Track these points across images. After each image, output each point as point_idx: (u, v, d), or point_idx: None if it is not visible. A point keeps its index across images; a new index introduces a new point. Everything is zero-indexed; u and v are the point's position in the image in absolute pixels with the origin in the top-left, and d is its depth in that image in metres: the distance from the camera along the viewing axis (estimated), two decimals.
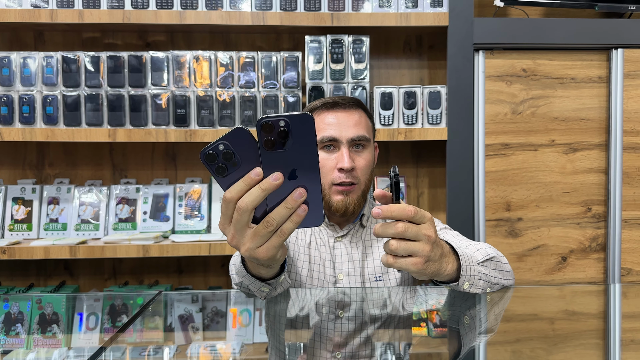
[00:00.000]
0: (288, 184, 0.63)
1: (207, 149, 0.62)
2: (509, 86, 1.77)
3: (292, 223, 0.65)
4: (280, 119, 0.60)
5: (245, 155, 0.63)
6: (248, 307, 1.02)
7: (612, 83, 1.78)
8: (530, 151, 1.79)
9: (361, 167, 1.22)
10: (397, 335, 0.89)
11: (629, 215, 1.79)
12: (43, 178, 1.96)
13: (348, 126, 1.21)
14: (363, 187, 1.24)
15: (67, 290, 1.91)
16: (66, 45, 1.92)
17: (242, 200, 0.63)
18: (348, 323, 0.88)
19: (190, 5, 1.72)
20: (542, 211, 1.79)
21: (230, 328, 1.00)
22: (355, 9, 1.75)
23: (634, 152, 1.78)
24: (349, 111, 1.24)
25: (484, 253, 1.00)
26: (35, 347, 1.57)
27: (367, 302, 1.04)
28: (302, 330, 0.90)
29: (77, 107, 1.72)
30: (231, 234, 0.68)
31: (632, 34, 1.76)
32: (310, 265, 1.26)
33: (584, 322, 0.95)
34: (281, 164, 0.62)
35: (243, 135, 0.62)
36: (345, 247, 1.27)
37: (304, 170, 0.63)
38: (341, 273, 1.24)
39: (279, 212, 0.64)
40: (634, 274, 1.79)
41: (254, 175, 0.62)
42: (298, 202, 0.64)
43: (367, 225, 1.31)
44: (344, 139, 1.20)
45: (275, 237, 0.66)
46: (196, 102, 1.74)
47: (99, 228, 1.83)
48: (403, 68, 2.00)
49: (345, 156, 1.18)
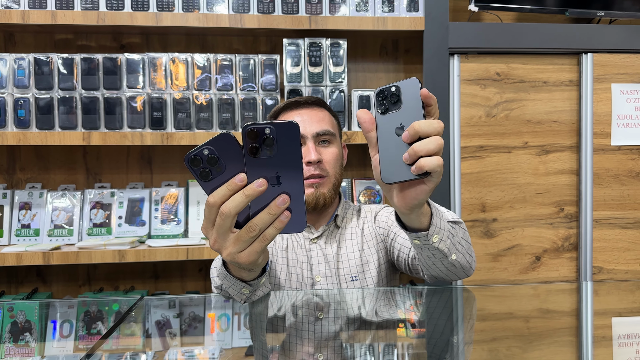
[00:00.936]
0: (271, 190, 0.64)
1: (192, 153, 0.62)
2: (484, 89, 1.81)
3: (275, 229, 0.66)
4: (266, 127, 0.61)
5: (229, 161, 0.63)
6: (226, 312, 1.01)
7: (583, 86, 1.83)
8: (504, 153, 1.82)
9: (329, 160, 1.26)
10: (376, 336, 0.89)
11: (600, 215, 1.84)
12: (14, 183, 1.91)
13: (312, 122, 1.25)
14: (333, 180, 1.27)
15: (40, 297, 1.87)
16: (38, 47, 1.88)
17: (225, 205, 0.64)
18: (328, 325, 0.88)
19: (166, 7, 1.70)
20: (516, 212, 1.83)
21: (209, 333, 0.99)
22: (333, 12, 1.76)
23: (604, 154, 1.83)
24: (312, 109, 1.28)
25: (452, 217, 1.01)
26: (7, 356, 1.52)
27: (345, 303, 1.04)
28: (283, 333, 0.90)
29: (50, 110, 1.68)
30: (213, 238, 0.68)
31: (601, 39, 1.81)
32: (288, 268, 1.27)
33: (558, 320, 0.97)
34: (265, 170, 0.63)
35: (228, 141, 0.62)
36: (321, 248, 1.29)
37: (287, 177, 0.63)
38: (318, 274, 1.26)
39: (262, 218, 0.65)
40: (605, 272, 1.84)
41: (237, 180, 0.63)
42: (281, 208, 0.64)
43: (341, 225, 1.33)
44: (309, 134, 1.24)
45: (258, 242, 0.67)
46: (173, 105, 1.72)
47: (73, 233, 1.80)
48: (380, 71, 2.02)
49: (311, 149, 1.23)
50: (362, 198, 1.92)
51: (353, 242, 1.30)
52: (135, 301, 1.06)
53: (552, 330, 0.89)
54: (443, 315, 0.98)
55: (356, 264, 1.27)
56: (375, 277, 1.26)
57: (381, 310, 1.02)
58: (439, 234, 0.86)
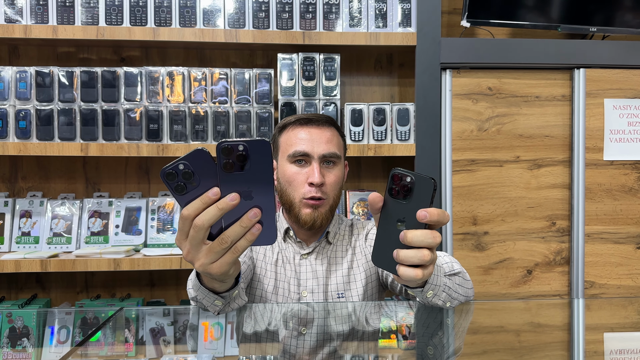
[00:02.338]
0: (244, 204, 0.67)
1: (168, 167, 0.65)
2: (475, 104, 1.83)
3: (246, 241, 0.68)
4: (239, 144, 0.64)
5: (203, 176, 0.66)
6: (220, 321, 1.04)
7: (575, 101, 1.84)
8: (495, 167, 1.84)
9: (331, 183, 1.26)
10: (362, 350, 0.91)
11: (592, 229, 1.84)
12: (16, 191, 1.96)
13: (320, 142, 1.24)
14: (331, 202, 1.27)
15: (39, 303, 1.91)
16: (41, 60, 1.94)
17: (199, 218, 0.66)
18: (310, 340, 0.90)
19: (164, 22, 1.75)
20: (507, 225, 1.84)
21: (202, 341, 1.01)
22: (327, 28, 1.80)
23: (596, 169, 1.84)
24: (321, 128, 1.27)
25: (450, 267, 1.04)
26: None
27: (331, 319, 1.06)
28: (267, 346, 0.92)
29: (50, 122, 1.73)
30: (187, 249, 0.70)
31: (593, 54, 1.83)
32: (276, 283, 1.28)
33: (549, 334, 0.98)
34: (238, 185, 0.66)
35: (202, 156, 0.65)
36: (311, 264, 1.29)
37: (259, 192, 0.67)
38: (305, 290, 1.27)
39: (234, 230, 0.67)
40: (597, 287, 1.84)
41: (211, 194, 0.66)
42: (253, 221, 0.67)
43: (333, 242, 1.33)
44: (315, 155, 1.24)
45: (229, 254, 0.69)
46: (169, 117, 1.77)
47: (71, 241, 1.84)
48: (374, 85, 2.04)
49: (315, 171, 1.22)
50: (356, 209, 1.94)
51: (343, 259, 1.31)
52: (115, 311, 1.09)
53: (543, 344, 0.90)
54: (432, 329, 0.99)
55: (344, 281, 1.28)
56: (361, 295, 1.27)
57: (367, 324, 1.04)
58: (434, 290, 0.91)
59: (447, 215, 0.71)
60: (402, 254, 0.70)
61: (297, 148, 1.24)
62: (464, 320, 1.03)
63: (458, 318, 1.02)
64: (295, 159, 1.25)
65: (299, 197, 1.24)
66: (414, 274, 0.70)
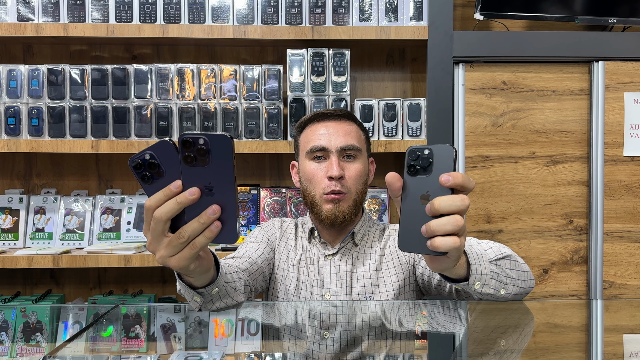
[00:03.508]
0: (205, 200, 0.65)
1: (135, 157, 0.65)
2: (489, 99, 1.78)
3: (205, 238, 0.67)
4: (200, 137, 0.63)
5: (169, 167, 0.65)
6: (230, 318, 1.03)
7: (594, 95, 1.78)
8: (510, 163, 1.79)
9: (351, 177, 1.21)
10: (380, 349, 0.89)
11: (611, 227, 1.78)
12: (30, 188, 1.99)
13: (337, 135, 1.21)
14: (354, 198, 1.22)
15: (53, 298, 1.94)
16: (54, 58, 1.96)
17: (158, 210, 0.66)
18: (333, 345, 0.87)
19: (173, 19, 1.75)
20: (523, 223, 1.79)
21: (212, 338, 1.01)
22: (337, 22, 1.77)
23: (616, 165, 1.78)
24: (339, 122, 1.24)
25: (497, 251, 0.98)
26: (19, 355, 1.59)
27: (352, 320, 1.03)
28: (276, 344, 0.91)
29: (61, 119, 1.75)
30: (149, 240, 0.70)
31: (613, 46, 1.77)
32: (299, 284, 1.24)
33: (566, 335, 0.95)
34: (199, 179, 0.65)
35: (167, 147, 0.65)
36: (335, 265, 1.24)
37: (220, 188, 0.65)
38: (328, 292, 1.22)
39: (192, 226, 0.66)
40: (616, 287, 1.78)
41: (173, 187, 0.65)
42: (211, 218, 0.65)
43: (360, 244, 1.27)
44: (333, 148, 1.20)
45: (187, 249, 0.68)
46: (179, 114, 1.77)
47: (84, 238, 1.86)
48: (386, 80, 2.01)
49: (334, 164, 1.18)
50: (368, 207, 1.91)
51: (371, 261, 1.25)
52: (112, 306, 1.09)
53: (560, 345, 0.87)
54: (445, 327, 0.97)
55: (371, 283, 1.22)
56: (390, 296, 1.22)
57: (388, 325, 1.01)
58: (480, 280, 0.86)
59: (472, 180, 0.67)
60: (433, 223, 0.65)
61: (314, 143, 1.21)
62: (479, 320, 1.00)
63: (473, 319, 0.99)
64: (314, 155, 1.22)
65: (319, 193, 1.21)
66: (452, 241, 0.65)
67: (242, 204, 1.87)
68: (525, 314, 1.02)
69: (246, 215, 1.87)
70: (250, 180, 2.01)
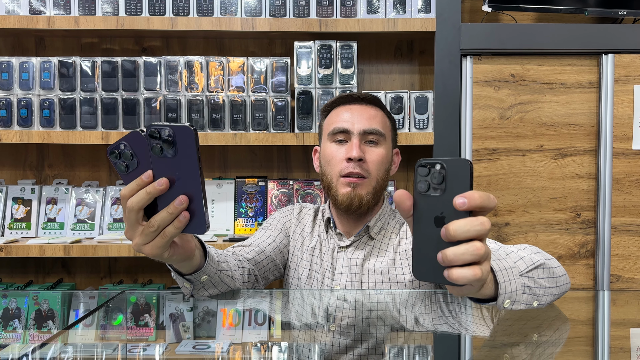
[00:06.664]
0: (175, 190, 0.67)
1: (112, 146, 0.67)
2: (497, 91, 1.78)
3: (174, 228, 0.68)
4: (165, 128, 0.64)
5: (142, 158, 0.67)
6: (238, 307, 1.05)
7: (603, 88, 1.77)
8: (518, 156, 1.78)
9: (373, 161, 1.17)
10: (389, 342, 0.89)
11: (619, 221, 1.77)
12: (42, 179, 2.02)
13: (361, 119, 1.18)
14: (374, 184, 1.18)
15: (64, 287, 1.97)
16: (66, 51, 1.98)
17: (130, 200, 0.67)
18: (340, 338, 0.87)
19: (182, 12, 1.77)
20: (530, 216, 1.79)
21: (220, 327, 1.03)
22: (344, 15, 1.78)
23: (624, 158, 1.77)
24: (364, 105, 1.21)
25: (528, 262, 0.88)
26: (31, 342, 1.62)
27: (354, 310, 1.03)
28: (286, 334, 0.92)
29: (72, 110, 1.78)
30: (126, 228, 0.72)
31: (622, 38, 1.75)
32: (311, 273, 1.24)
33: (572, 328, 0.95)
34: (167, 170, 0.66)
35: (139, 138, 0.66)
36: (347, 257, 1.22)
37: (187, 179, 0.66)
38: (338, 285, 1.20)
39: (161, 216, 0.68)
40: (624, 281, 1.78)
41: (144, 177, 0.66)
42: (178, 208, 0.67)
43: (376, 238, 1.23)
44: (355, 131, 1.17)
45: (159, 238, 0.70)
46: (187, 107, 1.78)
47: (95, 228, 1.89)
48: (394, 73, 2.01)
49: (354, 146, 1.15)
50: None
51: (384, 257, 1.21)
52: (117, 293, 1.11)
53: (566, 339, 0.88)
54: (453, 321, 0.96)
55: (382, 280, 1.19)
56: None
57: (391, 316, 1.00)
58: (510, 297, 0.77)
59: (493, 198, 0.59)
60: (449, 252, 0.57)
61: (336, 125, 1.19)
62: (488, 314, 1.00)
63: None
64: (335, 137, 1.20)
65: (336, 174, 1.17)
66: (471, 273, 0.57)
67: (250, 195, 1.88)
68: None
69: (254, 207, 1.89)
70: (258, 172, 2.02)
